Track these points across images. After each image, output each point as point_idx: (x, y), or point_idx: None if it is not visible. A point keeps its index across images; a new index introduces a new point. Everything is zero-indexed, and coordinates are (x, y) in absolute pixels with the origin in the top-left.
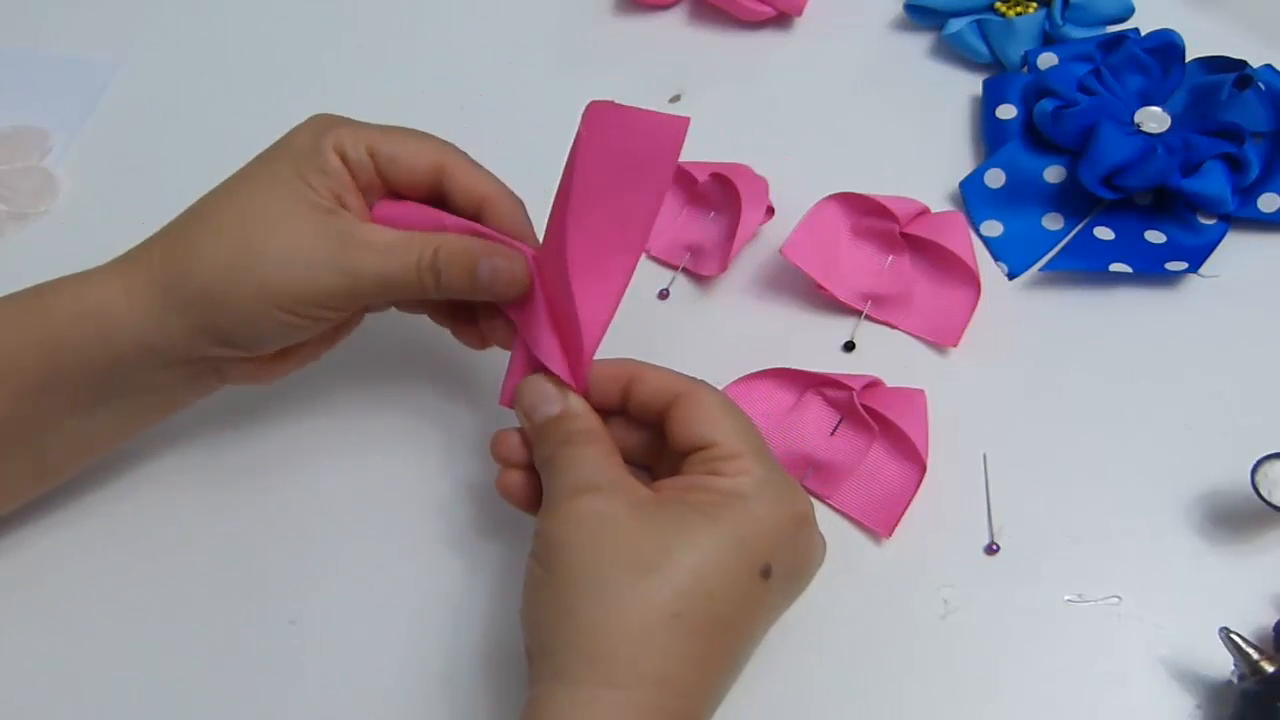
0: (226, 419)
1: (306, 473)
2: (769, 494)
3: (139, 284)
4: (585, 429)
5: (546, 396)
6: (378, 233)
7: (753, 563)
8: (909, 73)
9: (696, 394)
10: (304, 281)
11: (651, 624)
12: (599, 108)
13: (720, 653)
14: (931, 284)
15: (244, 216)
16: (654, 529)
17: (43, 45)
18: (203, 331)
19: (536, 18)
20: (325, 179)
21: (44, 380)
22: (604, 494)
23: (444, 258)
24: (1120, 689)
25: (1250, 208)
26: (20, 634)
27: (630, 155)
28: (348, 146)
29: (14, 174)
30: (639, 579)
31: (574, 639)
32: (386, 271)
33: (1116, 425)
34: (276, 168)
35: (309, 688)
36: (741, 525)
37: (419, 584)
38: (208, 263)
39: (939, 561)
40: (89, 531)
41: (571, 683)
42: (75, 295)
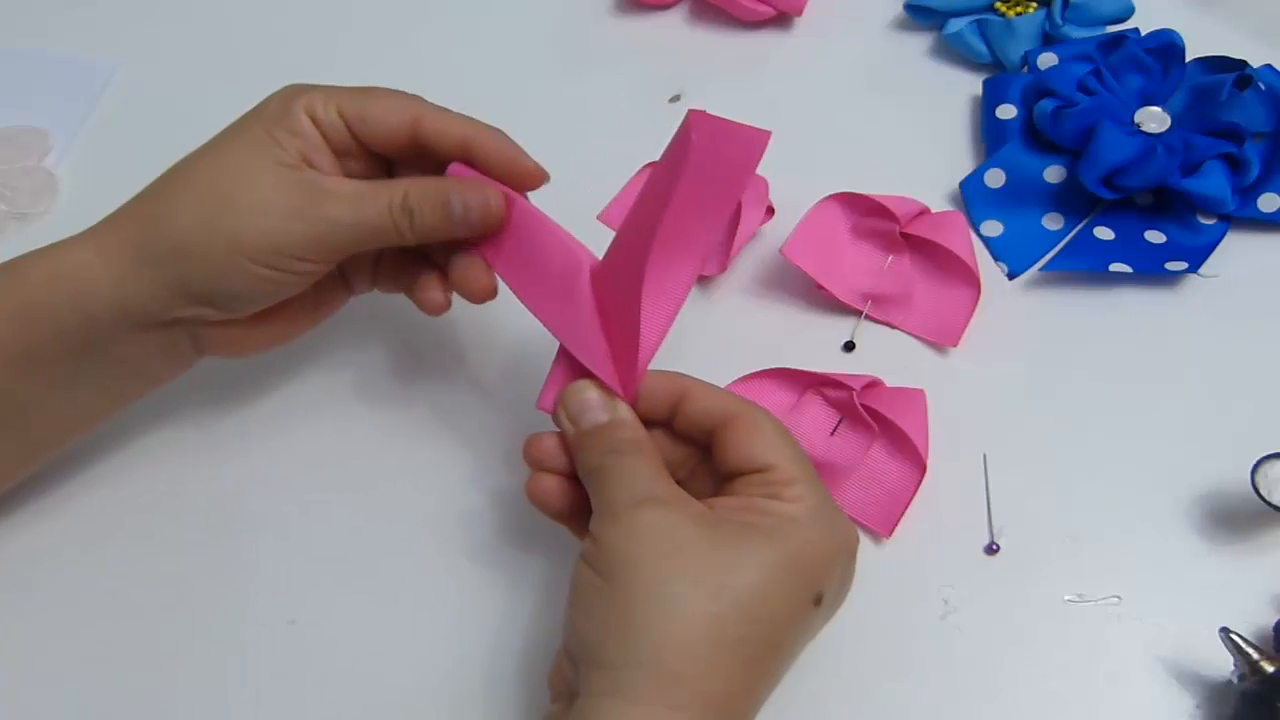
0: (228, 420)
1: (307, 472)
2: (825, 522)
3: (112, 244)
4: (633, 439)
5: (594, 404)
6: (346, 184)
7: (809, 589)
8: (909, 73)
9: (752, 416)
10: (275, 231)
11: (719, 646)
12: (704, 118)
13: (770, 674)
14: (931, 284)
15: (215, 174)
16: (719, 548)
17: (43, 45)
18: (176, 287)
19: (536, 17)
20: (295, 139)
21: (22, 349)
22: (667, 508)
23: (415, 198)
24: (1120, 689)
25: (1250, 208)
26: (20, 634)
27: (722, 165)
28: (319, 108)
29: (14, 174)
30: (706, 600)
31: (638, 655)
32: (359, 218)
33: (1116, 425)
34: (248, 130)
35: (309, 688)
36: (801, 551)
37: (419, 584)
38: (180, 217)
39: (939, 561)
40: (87, 530)
41: (630, 699)
42: (50, 261)
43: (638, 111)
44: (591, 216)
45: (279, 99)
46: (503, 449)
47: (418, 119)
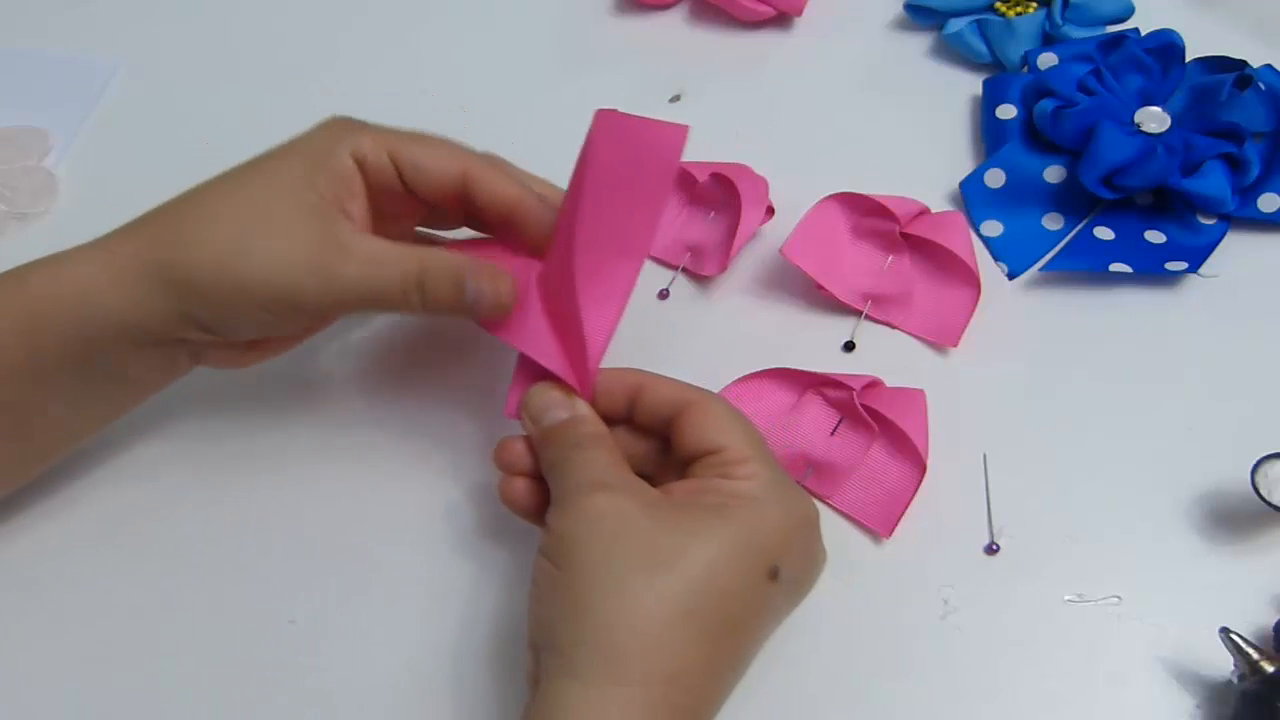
0: (228, 420)
1: (307, 473)
2: (777, 497)
3: (123, 262)
4: (593, 433)
5: (554, 403)
6: (369, 243)
7: (762, 563)
8: (909, 73)
9: (706, 402)
10: (288, 286)
11: (665, 621)
12: (607, 116)
13: (728, 652)
14: (931, 284)
15: (241, 211)
16: (668, 527)
17: (43, 45)
18: (182, 316)
19: (537, 17)
20: (333, 183)
21: (26, 361)
22: (617, 492)
23: (431, 276)
24: (1120, 689)
25: (1250, 208)
26: (19, 634)
27: (635, 163)
28: (367, 150)
29: (14, 174)
30: (654, 576)
31: (586, 635)
32: (372, 285)
33: (1116, 425)
34: (286, 166)
35: (309, 688)
36: (752, 526)
37: (419, 584)
38: (195, 252)
39: (939, 561)
40: (87, 531)
41: (583, 679)
42: (56, 273)
43: (638, 111)
44: None
45: (326, 136)
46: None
47: (468, 175)
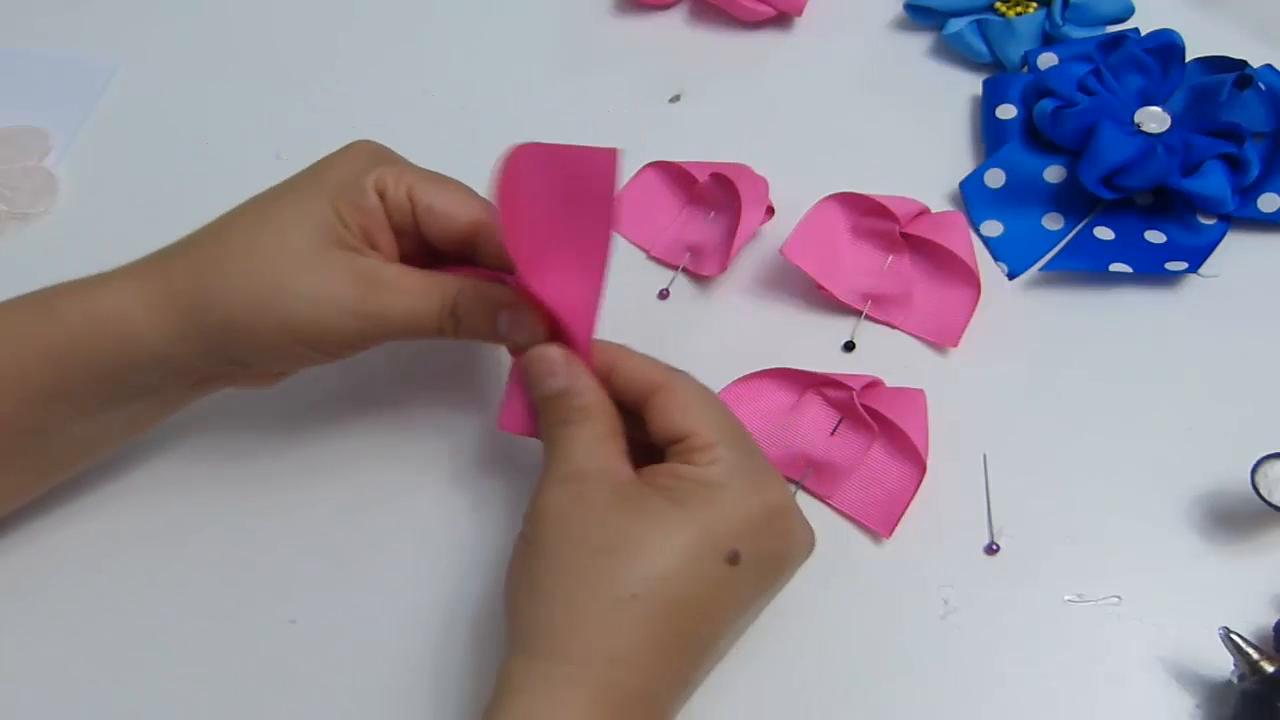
0: (228, 420)
1: (307, 473)
2: (739, 482)
3: (157, 297)
4: (584, 406)
5: (552, 369)
6: (403, 276)
7: (717, 548)
8: (909, 73)
9: (673, 384)
10: (329, 323)
11: (608, 604)
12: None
13: (682, 635)
14: (931, 284)
15: (273, 249)
16: (622, 513)
17: (43, 45)
18: (220, 353)
19: (536, 17)
20: (360, 215)
21: (51, 387)
22: (588, 480)
23: (465, 305)
24: (1120, 689)
25: (1250, 208)
26: (19, 632)
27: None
28: (389, 185)
29: (14, 174)
30: (598, 559)
31: (538, 613)
32: (410, 316)
33: (1116, 425)
34: (313, 198)
35: (309, 688)
36: (706, 511)
37: (419, 584)
38: (234, 293)
39: (939, 561)
40: (88, 530)
41: (532, 655)
42: (87, 303)
43: (638, 111)
44: None
45: (350, 164)
46: (509, 450)
47: (479, 226)
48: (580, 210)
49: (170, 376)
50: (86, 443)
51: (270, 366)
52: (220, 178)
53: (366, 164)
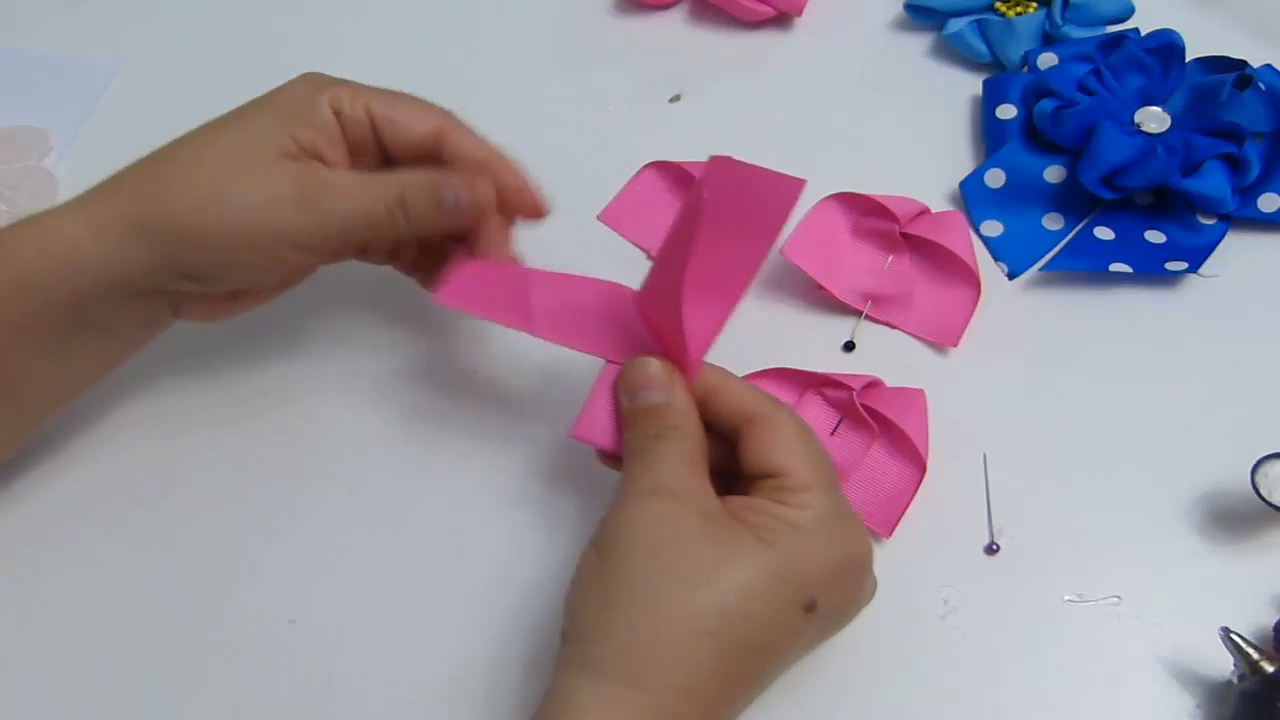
0: (227, 420)
1: (307, 473)
2: (828, 530)
3: (106, 217)
4: (679, 425)
5: (652, 382)
6: (346, 176)
7: (799, 596)
8: (909, 73)
9: (774, 418)
10: (274, 222)
11: (686, 637)
12: (722, 165)
13: (748, 673)
14: (931, 284)
15: (220, 160)
16: (711, 545)
17: (43, 45)
18: (168, 266)
19: (536, 17)
20: (309, 130)
21: (12, 322)
22: (676, 500)
23: (409, 190)
24: (1120, 689)
25: (1250, 208)
26: (18, 636)
27: (746, 209)
28: (344, 103)
29: (14, 174)
30: (685, 591)
31: (611, 634)
32: (356, 209)
33: (1116, 425)
34: (261, 117)
35: (309, 688)
36: (795, 557)
37: (419, 584)
38: (180, 200)
39: (939, 561)
40: (88, 530)
41: (598, 677)
42: (39, 233)
43: (638, 111)
44: (591, 216)
45: (302, 88)
46: (508, 450)
47: (442, 132)
48: (748, 231)
49: (121, 301)
50: (52, 385)
51: (219, 280)
52: None
53: (319, 85)
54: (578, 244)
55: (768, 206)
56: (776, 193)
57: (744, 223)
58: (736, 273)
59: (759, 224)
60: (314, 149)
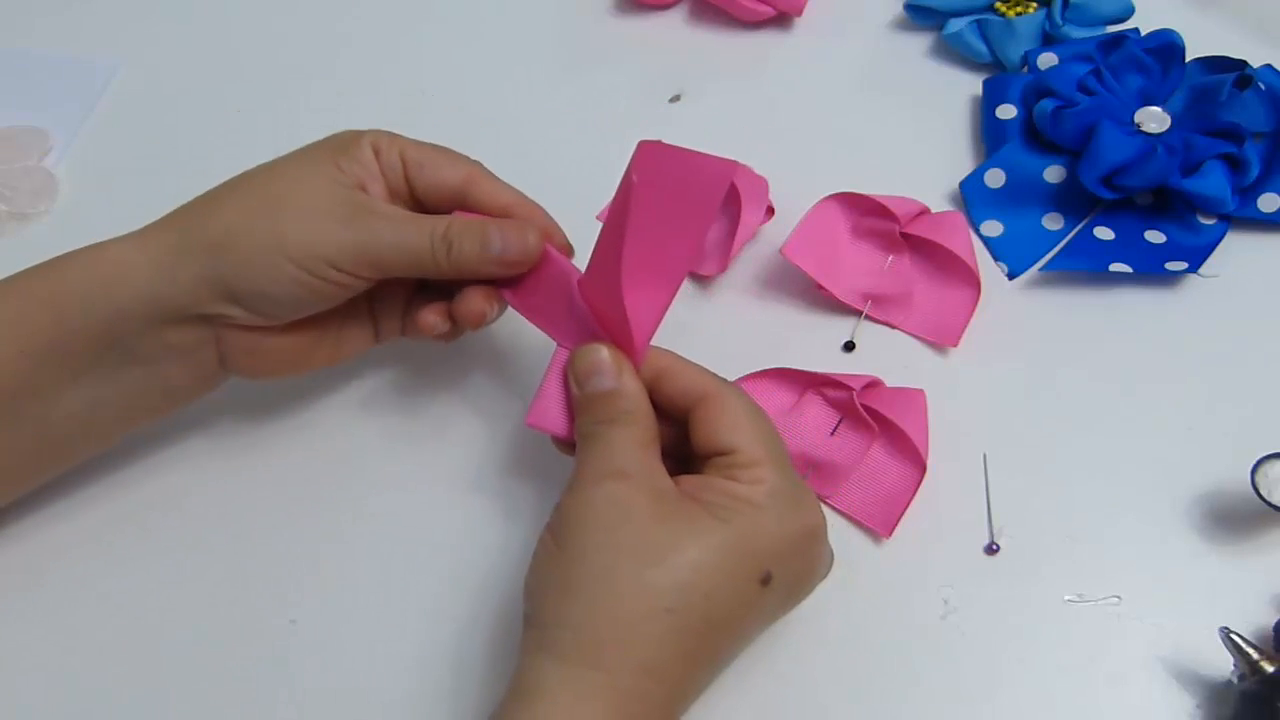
0: (228, 419)
1: (308, 474)
2: (780, 504)
3: (153, 238)
4: (629, 410)
5: (601, 368)
6: (392, 208)
7: (754, 570)
8: (909, 73)
9: (722, 397)
10: (319, 234)
11: (645, 615)
12: (651, 147)
13: (708, 650)
14: (931, 284)
15: (268, 181)
16: (665, 524)
17: (43, 45)
18: (210, 281)
19: (536, 17)
20: (355, 166)
21: (49, 342)
22: (629, 482)
23: (457, 229)
24: (1120, 689)
25: (1250, 208)
26: (20, 633)
27: (678, 195)
28: (383, 146)
29: (14, 174)
30: (641, 570)
31: (570, 617)
32: (401, 238)
33: (1116, 425)
34: (310, 153)
35: (309, 688)
36: (748, 532)
37: (420, 584)
38: (226, 212)
39: (939, 561)
40: (88, 530)
41: (560, 658)
42: (90, 254)
43: (638, 111)
44: (591, 216)
45: (345, 133)
46: (504, 452)
47: (471, 179)
48: (682, 216)
49: (160, 326)
50: (83, 418)
51: (261, 301)
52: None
53: (359, 131)
54: (577, 244)
55: (700, 190)
56: (709, 176)
57: (678, 206)
58: (675, 256)
59: (693, 207)
60: (360, 182)
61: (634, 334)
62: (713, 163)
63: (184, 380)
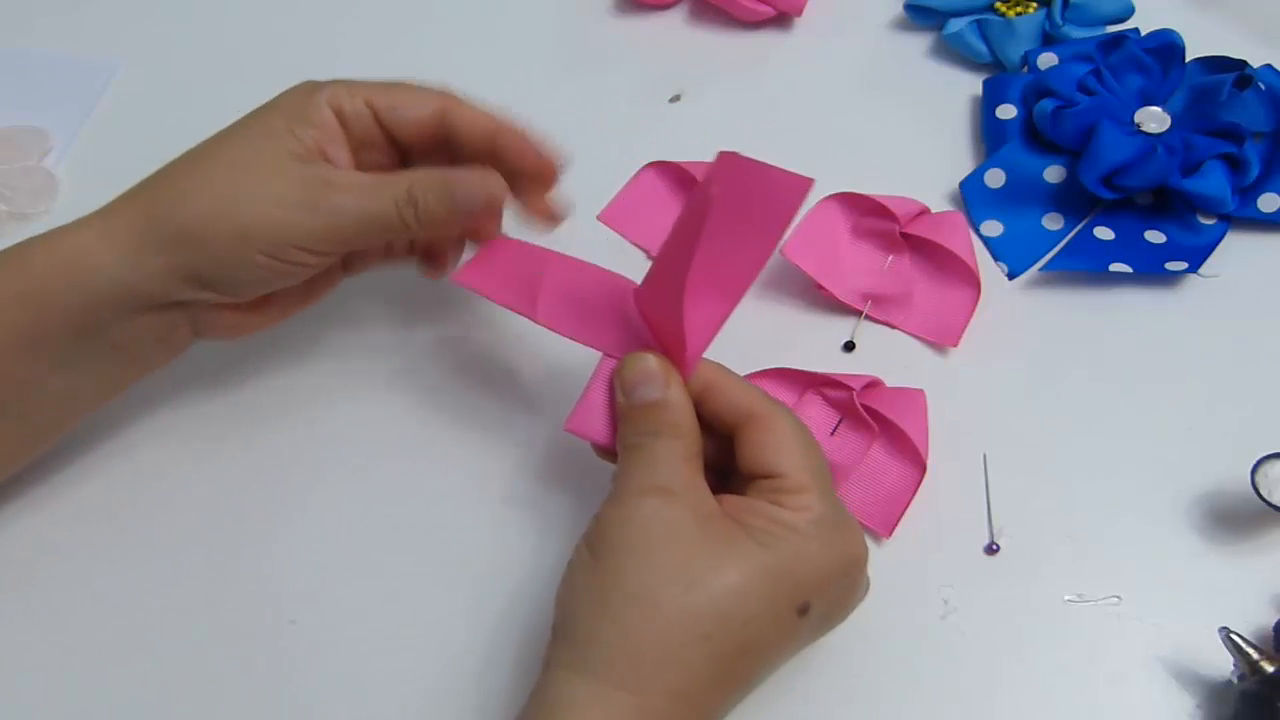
0: (228, 419)
1: (307, 472)
2: (825, 534)
3: (119, 227)
4: (674, 423)
5: (649, 377)
6: (354, 176)
7: (793, 599)
8: (909, 73)
9: (771, 418)
10: (283, 222)
11: (682, 641)
12: (730, 161)
13: (740, 675)
14: (931, 284)
15: (227, 164)
16: (707, 546)
17: (43, 45)
18: (180, 272)
19: (536, 17)
20: (312, 130)
21: (28, 334)
22: (673, 499)
23: (419, 187)
24: (1120, 689)
25: (1250, 208)
26: (19, 634)
27: (751, 207)
28: (343, 99)
29: (14, 174)
30: (681, 593)
31: (603, 634)
32: (366, 209)
33: (1116, 425)
34: (264, 121)
35: (309, 688)
36: (791, 560)
37: (420, 584)
38: (189, 204)
39: (939, 561)
40: (87, 530)
41: (591, 677)
42: (54, 244)
43: (638, 111)
44: (592, 216)
45: (299, 91)
46: (508, 451)
47: (446, 110)
48: (753, 229)
49: (136, 313)
50: (64, 402)
51: (232, 287)
52: None
53: (315, 86)
54: (578, 244)
55: (773, 204)
56: (783, 191)
57: (749, 220)
58: (739, 271)
59: (764, 222)
60: (319, 148)
61: (688, 345)
62: (789, 178)
63: (158, 353)
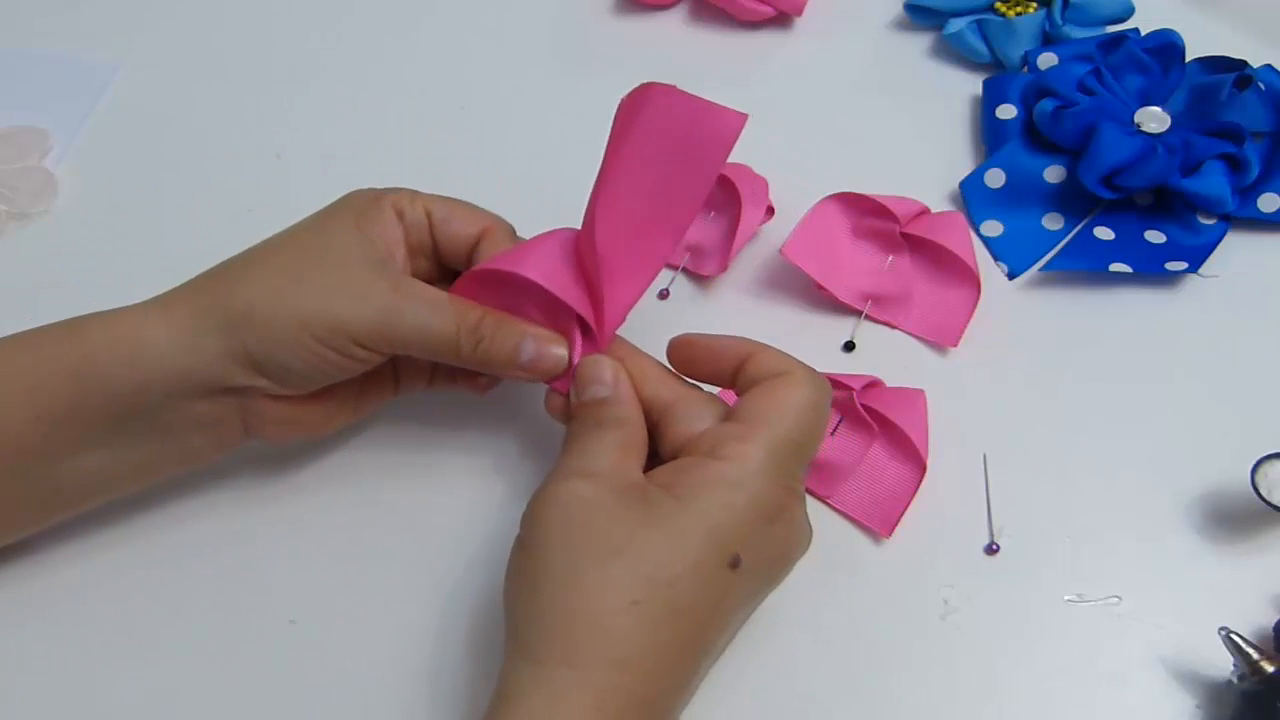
0: None
1: (307, 473)
2: (753, 483)
3: (177, 309)
4: (619, 417)
5: (598, 378)
6: (425, 288)
7: (721, 554)
8: (909, 73)
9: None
10: (345, 312)
11: (611, 610)
12: (659, 89)
13: (683, 639)
14: (931, 284)
15: (294, 252)
16: (627, 516)
17: (43, 45)
18: (235, 354)
19: (536, 17)
20: (378, 228)
21: (69, 406)
22: (594, 479)
23: (490, 325)
24: (1120, 689)
25: (1250, 208)
26: (20, 633)
27: (683, 143)
28: (405, 206)
29: (14, 174)
30: (602, 565)
31: (540, 619)
32: (428, 323)
33: (1116, 425)
34: (336, 216)
35: (309, 688)
36: (716, 512)
37: (420, 584)
38: (251, 287)
39: (939, 561)
40: (87, 531)
41: (535, 661)
42: (110, 320)
43: None
44: None
45: (366, 194)
46: (506, 448)
47: (488, 232)
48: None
49: (185, 399)
50: (96, 477)
51: (285, 374)
52: (220, 178)
53: (379, 191)
54: None
55: (706, 140)
56: (715, 125)
57: (678, 156)
58: (674, 209)
59: (697, 159)
60: (386, 248)
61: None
62: (721, 112)
63: (205, 447)
